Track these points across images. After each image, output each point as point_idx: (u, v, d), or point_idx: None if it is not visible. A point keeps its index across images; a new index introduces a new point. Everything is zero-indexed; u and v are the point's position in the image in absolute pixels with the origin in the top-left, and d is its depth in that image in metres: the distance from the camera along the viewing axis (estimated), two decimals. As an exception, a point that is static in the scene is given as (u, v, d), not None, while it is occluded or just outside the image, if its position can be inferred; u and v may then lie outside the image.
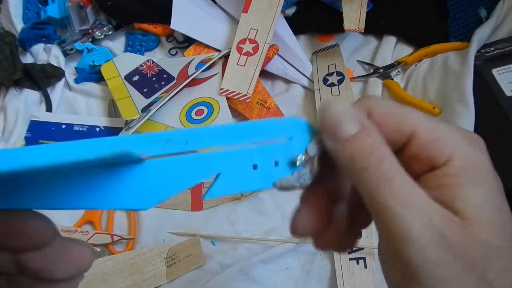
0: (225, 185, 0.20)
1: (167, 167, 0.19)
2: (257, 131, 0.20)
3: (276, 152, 0.20)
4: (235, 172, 0.20)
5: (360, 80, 0.56)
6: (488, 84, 0.46)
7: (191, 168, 0.19)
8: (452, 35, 0.57)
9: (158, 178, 0.19)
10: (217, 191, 0.20)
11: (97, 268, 0.44)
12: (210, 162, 0.20)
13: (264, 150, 0.20)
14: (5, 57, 0.55)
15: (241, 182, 0.20)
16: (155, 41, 0.61)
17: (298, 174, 0.20)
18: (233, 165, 0.20)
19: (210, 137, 0.20)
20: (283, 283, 0.45)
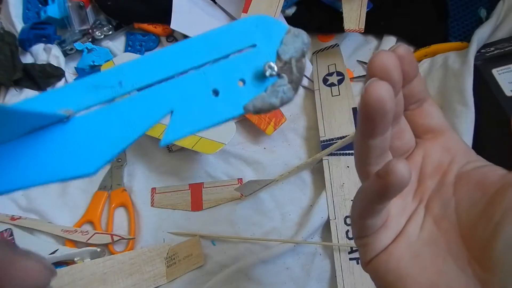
0: (183, 123, 0.16)
1: (100, 118, 0.16)
2: (207, 46, 0.16)
3: (238, 67, 0.16)
4: (192, 104, 0.16)
5: (360, 80, 0.56)
6: (488, 84, 0.46)
7: (133, 112, 0.16)
8: (452, 35, 0.57)
9: (92, 134, 0.15)
10: (175, 132, 0.16)
11: (97, 268, 0.44)
12: (156, 99, 0.16)
13: (221, 68, 0.16)
14: (5, 57, 0.55)
15: (203, 115, 0.16)
16: (155, 41, 0.61)
17: (273, 87, 0.16)
18: (187, 96, 0.16)
19: (148, 68, 0.16)
20: (283, 283, 0.45)
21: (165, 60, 0.16)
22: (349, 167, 0.48)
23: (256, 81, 0.16)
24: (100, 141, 0.15)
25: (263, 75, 0.16)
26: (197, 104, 0.16)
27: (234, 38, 0.16)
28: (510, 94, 0.45)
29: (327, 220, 0.46)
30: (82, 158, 0.15)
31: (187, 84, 0.16)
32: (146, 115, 0.16)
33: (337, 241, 0.45)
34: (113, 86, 0.16)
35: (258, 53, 0.16)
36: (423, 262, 0.21)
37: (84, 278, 0.43)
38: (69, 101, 0.15)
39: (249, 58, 0.16)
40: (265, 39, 0.16)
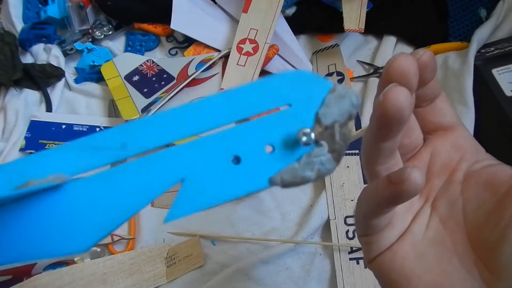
0: (195, 195, 0.13)
1: (98, 186, 0.13)
2: (230, 104, 0.13)
3: (266, 131, 0.13)
4: (207, 172, 0.13)
5: (360, 80, 0.56)
6: (488, 84, 0.46)
7: (136, 180, 0.13)
8: (452, 35, 0.57)
9: (87, 204, 0.13)
10: (185, 206, 0.13)
11: (97, 268, 0.44)
12: (165, 165, 0.13)
13: (246, 130, 0.13)
14: (5, 57, 0.55)
15: (219, 187, 0.13)
16: (155, 41, 0.61)
17: (308, 158, 0.13)
18: (201, 163, 0.13)
19: (157, 129, 0.13)
20: (283, 283, 0.45)
21: (178, 119, 0.13)
22: (349, 167, 0.48)
23: (287, 149, 0.13)
24: (95, 213, 0.13)
25: (296, 142, 0.13)
26: (214, 173, 0.13)
27: (265, 95, 0.13)
28: (510, 94, 0.45)
29: (327, 220, 0.46)
30: (74, 233, 0.13)
31: (203, 148, 0.13)
32: (152, 184, 0.13)
33: (337, 241, 0.45)
34: (115, 148, 0.13)
35: (293, 114, 0.13)
36: (428, 261, 0.20)
37: (84, 278, 0.43)
38: (64, 164, 0.13)
39: (281, 119, 0.13)
40: (303, 98, 0.13)
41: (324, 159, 0.13)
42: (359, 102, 0.14)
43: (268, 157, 0.13)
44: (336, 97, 0.13)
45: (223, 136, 0.13)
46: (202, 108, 0.13)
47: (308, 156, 0.13)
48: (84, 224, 0.13)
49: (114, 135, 0.13)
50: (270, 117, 0.13)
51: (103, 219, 0.13)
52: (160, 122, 0.13)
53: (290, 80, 0.13)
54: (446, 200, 0.21)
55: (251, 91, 0.13)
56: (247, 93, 0.13)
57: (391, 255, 0.21)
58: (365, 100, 0.53)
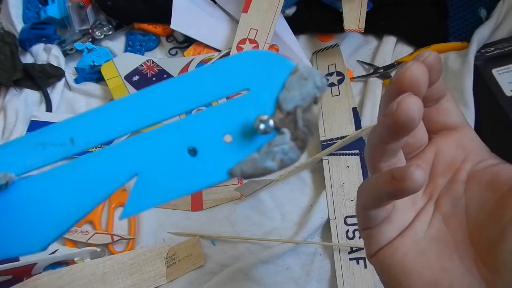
0: (150, 190, 0.12)
1: (48, 184, 0.12)
2: (184, 92, 0.12)
3: (223, 119, 0.12)
4: (162, 166, 0.12)
5: (360, 80, 0.56)
6: (488, 84, 0.46)
7: (88, 176, 0.12)
8: (452, 35, 0.57)
9: (38, 203, 0.12)
10: (140, 202, 0.12)
11: (97, 268, 0.44)
12: (117, 160, 0.12)
13: (201, 120, 0.12)
14: (5, 57, 0.55)
15: (175, 181, 0.12)
16: (155, 41, 0.61)
17: (269, 147, 0.12)
18: (155, 156, 0.12)
19: (107, 121, 0.12)
20: (283, 283, 0.45)
21: (130, 110, 0.12)
22: (349, 167, 0.48)
23: (246, 137, 0.12)
24: (48, 212, 0.12)
25: (254, 130, 0.12)
26: (169, 166, 0.12)
27: (222, 80, 0.12)
28: (510, 94, 0.45)
29: (327, 220, 0.46)
30: (28, 233, 0.12)
31: (156, 140, 0.12)
32: (104, 180, 0.12)
33: (337, 241, 0.45)
34: (64, 143, 0.12)
35: (251, 100, 0.12)
36: (429, 258, 0.21)
37: (84, 278, 0.43)
38: (10, 162, 0.12)
39: (239, 106, 0.12)
40: (262, 82, 0.12)
41: (287, 147, 0.12)
42: (324, 83, 0.13)
43: (226, 147, 0.12)
44: (298, 79, 0.12)
45: (177, 126, 0.12)
46: (153, 97, 0.12)
47: (269, 145, 0.12)
48: (38, 223, 0.12)
49: (61, 130, 0.13)
50: (228, 104, 0.12)
51: (57, 217, 0.12)
52: (108, 114, 0.12)
53: (247, 62, 0.12)
54: (450, 199, 0.22)
55: (205, 76, 0.12)
56: (200, 79, 0.12)
57: (392, 250, 0.21)
58: (365, 101, 0.53)
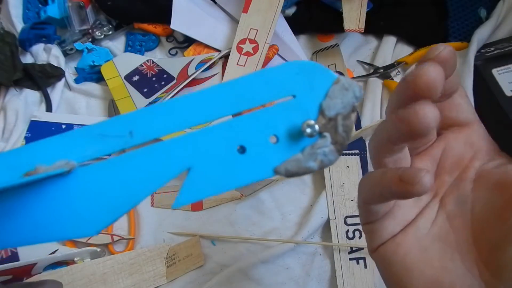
0: (201, 183, 0.13)
1: (106, 173, 0.13)
2: (236, 95, 0.13)
3: (271, 121, 0.13)
4: (213, 161, 0.14)
5: (360, 80, 0.56)
6: (488, 84, 0.46)
7: (144, 168, 0.13)
8: (452, 35, 0.57)
9: (96, 190, 0.13)
10: (192, 193, 0.14)
11: (97, 268, 0.44)
12: (172, 153, 0.14)
13: (251, 120, 0.13)
14: (5, 57, 0.55)
15: (225, 175, 0.14)
16: (155, 41, 0.61)
17: (312, 149, 0.14)
18: (207, 152, 0.13)
19: (164, 117, 0.13)
20: (283, 283, 0.45)
21: (185, 108, 0.13)
22: (349, 167, 0.48)
23: (291, 139, 0.13)
24: (104, 199, 0.13)
25: (300, 133, 0.13)
26: (219, 162, 0.14)
27: (269, 86, 0.13)
28: (510, 94, 0.45)
29: (327, 220, 0.46)
30: (83, 217, 0.13)
31: (208, 138, 0.14)
32: (159, 172, 0.13)
33: (337, 241, 0.45)
34: (123, 136, 0.13)
35: (297, 106, 0.13)
36: (431, 257, 0.20)
37: (84, 278, 0.43)
38: (71, 151, 0.13)
39: (285, 111, 0.13)
40: (307, 90, 0.13)
41: (327, 150, 0.14)
42: (361, 94, 0.14)
43: (272, 147, 0.14)
44: (339, 89, 0.14)
45: (228, 126, 0.13)
46: (207, 98, 0.13)
47: (312, 147, 0.14)
48: (93, 209, 0.13)
49: (121, 123, 0.13)
50: (275, 108, 0.13)
51: (111, 204, 0.13)
52: (166, 111, 0.14)
53: (294, 70, 0.13)
54: (456, 197, 0.21)
55: (255, 81, 0.13)
56: (251, 83, 0.13)
57: (394, 246, 0.21)
58: (365, 101, 0.53)
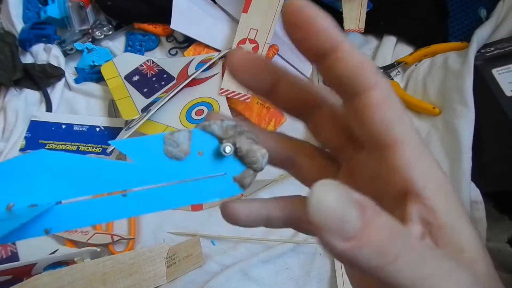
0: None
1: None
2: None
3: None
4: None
5: (360, 80, 0.56)
6: (488, 84, 0.46)
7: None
8: (452, 35, 0.57)
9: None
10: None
11: (97, 268, 0.44)
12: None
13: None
14: (5, 57, 0.55)
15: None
16: (155, 41, 0.61)
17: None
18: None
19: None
20: (283, 283, 0.45)
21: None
22: (349, 167, 0.48)
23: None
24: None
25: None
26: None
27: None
28: (510, 94, 0.45)
29: (327, 220, 0.46)
30: None
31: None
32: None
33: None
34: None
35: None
36: None
37: (84, 278, 0.43)
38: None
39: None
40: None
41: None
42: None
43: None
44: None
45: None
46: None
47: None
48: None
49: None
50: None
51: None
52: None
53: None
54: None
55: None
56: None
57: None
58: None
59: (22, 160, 0.17)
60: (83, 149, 0.52)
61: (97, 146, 0.52)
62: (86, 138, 0.53)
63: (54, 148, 0.52)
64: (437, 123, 0.48)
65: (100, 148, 0.52)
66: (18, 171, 0.17)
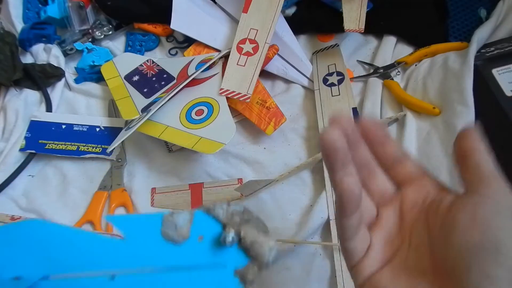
0: None
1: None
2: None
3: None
4: None
5: (360, 80, 0.56)
6: (488, 84, 0.46)
7: None
8: (452, 35, 0.57)
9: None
10: None
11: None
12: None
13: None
14: (5, 57, 0.55)
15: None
16: (155, 41, 0.61)
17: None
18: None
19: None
20: (283, 283, 0.44)
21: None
22: (349, 167, 0.48)
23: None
24: None
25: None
26: None
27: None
28: (510, 94, 0.45)
29: (327, 220, 0.46)
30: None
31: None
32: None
33: (337, 241, 0.45)
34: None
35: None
36: (404, 285, 0.23)
37: (84, 278, 0.43)
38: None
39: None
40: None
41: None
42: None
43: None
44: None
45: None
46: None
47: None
48: None
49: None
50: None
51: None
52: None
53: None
54: (417, 232, 0.24)
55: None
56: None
57: (374, 284, 0.24)
58: (365, 101, 0.53)
59: (16, 227, 0.16)
60: (83, 149, 0.52)
61: (97, 146, 0.52)
62: (86, 138, 0.53)
63: (54, 148, 0.52)
64: (437, 123, 0.48)
65: (100, 148, 0.52)
66: (10, 238, 0.16)
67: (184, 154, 0.52)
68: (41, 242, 0.16)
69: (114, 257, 0.16)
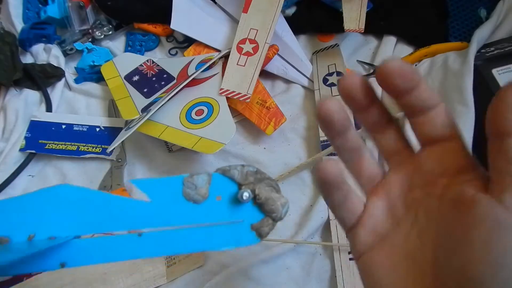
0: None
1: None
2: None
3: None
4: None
5: (360, 80, 0.56)
6: (488, 84, 0.46)
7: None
8: (452, 35, 0.57)
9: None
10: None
11: (97, 268, 0.44)
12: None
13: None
14: (5, 57, 0.55)
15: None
16: (155, 41, 0.61)
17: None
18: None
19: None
20: (283, 283, 0.45)
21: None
22: (349, 167, 0.48)
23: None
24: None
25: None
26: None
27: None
28: (510, 94, 0.45)
29: (327, 220, 0.46)
30: None
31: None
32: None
33: (337, 241, 0.45)
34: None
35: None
36: (398, 276, 0.20)
37: (84, 278, 0.43)
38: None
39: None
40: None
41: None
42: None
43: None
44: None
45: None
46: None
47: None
48: None
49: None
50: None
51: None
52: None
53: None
54: (426, 213, 0.21)
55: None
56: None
57: (369, 260, 0.22)
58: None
59: (44, 193, 0.17)
60: (83, 149, 0.52)
61: (97, 146, 0.52)
62: (86, 138, 0.53)
63: (54, 148, 0.52)
64: (437, 123, 0.48)
65: (100, 148, 0.52)
66: (40, 203, 0.17)
67: (184, 154, 0.52)
68: (69, 204, 0.18)
69: (140, 217, 0.18)
